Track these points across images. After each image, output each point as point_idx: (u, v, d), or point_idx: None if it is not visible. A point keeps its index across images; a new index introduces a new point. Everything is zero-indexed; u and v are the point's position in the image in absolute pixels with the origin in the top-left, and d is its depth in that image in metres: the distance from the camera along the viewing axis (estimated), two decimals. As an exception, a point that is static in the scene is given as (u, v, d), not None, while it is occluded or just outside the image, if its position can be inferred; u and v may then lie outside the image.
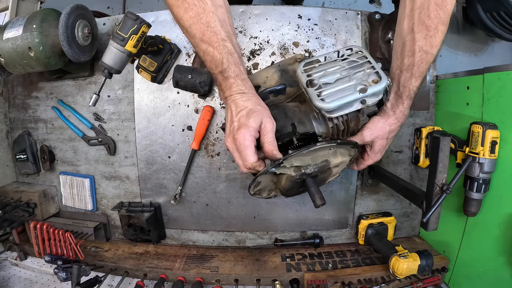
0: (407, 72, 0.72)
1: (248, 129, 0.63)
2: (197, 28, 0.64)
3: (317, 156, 0.68)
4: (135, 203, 1.10)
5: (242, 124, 0.64)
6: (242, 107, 0.65)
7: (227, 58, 0.65)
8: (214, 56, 0.65)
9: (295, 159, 0.66)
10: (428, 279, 0.95)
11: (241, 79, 0.66)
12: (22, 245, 1.10)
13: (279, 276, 0.97)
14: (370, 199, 1.13)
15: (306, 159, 0.67)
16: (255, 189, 0.75)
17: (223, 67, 0.65)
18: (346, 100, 0.66)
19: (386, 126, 0.76)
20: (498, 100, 0.82)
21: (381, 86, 0.67)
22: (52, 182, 1.18)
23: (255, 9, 1.00)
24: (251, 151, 0.64)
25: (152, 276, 1.00)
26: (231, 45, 0.65)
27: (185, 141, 1.06)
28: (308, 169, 0.67)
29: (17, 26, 0.89)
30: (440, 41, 0.70)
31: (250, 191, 0.75)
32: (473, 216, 0.87)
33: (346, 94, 0.67)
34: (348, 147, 0.72)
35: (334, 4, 2.11)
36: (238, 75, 0.66)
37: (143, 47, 0.84)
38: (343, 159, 0.72)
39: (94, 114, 1.10)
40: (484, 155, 0.81)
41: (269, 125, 0.65)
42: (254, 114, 0.64)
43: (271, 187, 0.77)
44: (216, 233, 1.14)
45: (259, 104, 0.67)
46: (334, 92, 0.67)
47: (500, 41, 2.01)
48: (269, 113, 0.67)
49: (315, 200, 0.64)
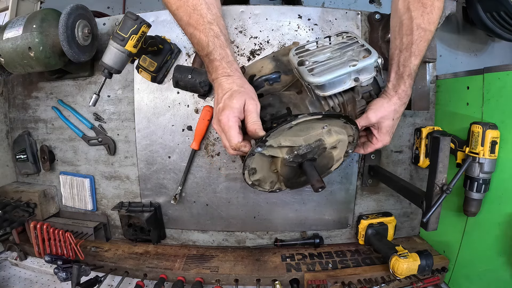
0: (407, 51, 0.72)
1: (231, 110, 0.63)
2: (183, 11, 0.66)
3: (310, 137, 0.67)
4: (135, 203, 1.10)
5: (226, 105, 0.63)
6: (226, 89, 0.65)
7: (213, 41, 0.65)
8: (200, 39, 0.66)
9: (284, 138, 0.65)
10: (428, 279, 0.95)
11: (226, 62, 0.66)
12: (22, 245, 1.10)
13: (279, 276, 0.97)
14: (370, 199, 1.13)
15: (298, 140, 0.66)
16: (252, 178, 0.73)
17: (209, 50, 0.66)
18: (337, 74, 0.65)
19: (390, 105, 0.75)
20: (498, 100, 0.82)
21: (372, 59, 0.66)
22: (52, 182, 1.18)
23: (255, 9, 1.00)
24: (235, 131, 0.63)
25: (152, 276, 1.00)
26: (217, 28, 0.66)
27: (185, 141, 1.06)
28: (301, 149, 0.66)
29: (17, 26, 0.89)
30: (438, 17, 0.69)
31: (247, 180, 0.72)
32: (473, 216, 0.87)
33: (337, 68, 0.66)
34: (341, 123, 0.69)
35: (334, 4, 2.11)
36: (223, 58, 0.66)
37: (143, 47, 0.84)
38: (338, 137, 0.70)
39: (94, 114, 1.10)
40: (484, 155, 0.81)
41: (252, 106, 0.64)
42: (238, 96, 0.64)
43: (273, 178, 0.75)
44: (216, 233, 1.14)
45: (243, 86, 0.66)
46: (325, 68, 0.67)
47: (500, 41, 2.02)
48: (253, 94, 0.66)
49: (313, 182, 0.62)
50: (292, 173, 0.71)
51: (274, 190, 0.79)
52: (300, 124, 0.64)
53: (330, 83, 0.67)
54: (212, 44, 0.65)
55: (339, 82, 0.67)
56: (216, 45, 0.66)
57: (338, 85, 0.68)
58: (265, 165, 0.71)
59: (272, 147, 0.65)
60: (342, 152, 0.76)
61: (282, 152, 0.67)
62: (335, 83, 0.67)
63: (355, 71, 0.67)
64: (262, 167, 0.71)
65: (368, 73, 0.69)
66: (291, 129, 0.64)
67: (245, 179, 0.72)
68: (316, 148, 0.68)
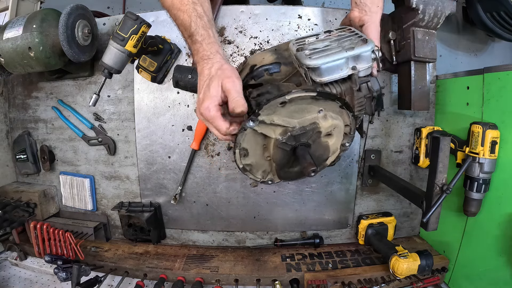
0: None
1: (210, 99, 0.61)
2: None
3: (305, 120, 0.66)
4: (135, 203, 1.10)
5: (205, 96, 0.62)
6: (205, 77, 0.64)
7: (196, 21, 0.64)
8: (183, 19, 0.65)
9: (278, 117, 0.64)
10: (428, 279, 0.95)
11: (207, 43, 0.64)
12: (22, 245, 1.10)
13: (279, 276, 0.97)
14: (370, 199, 1.13)
15: (292, 121, 0.65)
16: (243, 161, 0.70)
17: (191, 30, 0.65)
18: (333, 57, 0.65)
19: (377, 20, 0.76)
20: (498, 100, 0.82)
21: (368, 46, 0.66)
22: (52, 182, 1.18)
23: (255, 9, 1.00)
24: (220, 120, 0.62)
25: (152, 276, 1.00)
26: (201, 9, 0.65)
27: (185, 141, 1.06)
28: (295, 131, 0.65)
29: (17, 26, 0.89)
30: None
31: (237, 162, 0.70)
32: (473, 216, 0.87)
33: (334, 53, 0.66)
34: (337, 107, 0.68)
35: (334, 4, 2.11)
36: (204, 39, 0.64)
37: (143, 47, 0.84)
38: (333, 122, 0.69)
39: (94, 114, 1.10)
40: (484, 155, 0.81)
41: (229, 84, 0.61)
42: (214, 81, 0.62)
43: (266, 167, 0.74)
44: (216, 233, 1.14)
45: (221, 67, 0.63)
46: (322, 53, 0.66)
47: (500, 41, 2.02)
48: (231, 72, 0.63)
49: (305, 165, 0.61)
50: (285, 159, 0.69)
51: (266, 181, 0.77)
52: (294, 103, 0.63)
53: (327, 69, 0.66)
54: (195, 25, 0.64)
55: (336, 69, 0.67)
56: (199, 25, 0.64)
57: (335, 71, 0.67)
58: (258, 148, 0.69)
59: (265, 124, 0.64)
60: (338, 142, 0.74)
61: (275, 133, 0.66)
62: (332, 69, 0.67)
63: (352, 59, 0.67)
64: (255, 150, 0.69)
65: (365, 62, 0.68)
66: (285, 107, 0.63)
67: (235, 160, 0.69)
68: (311, 132, 0.67)
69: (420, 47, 0.89)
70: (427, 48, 0.90)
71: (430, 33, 0.90)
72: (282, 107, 0.63)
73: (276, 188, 1.08)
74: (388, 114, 1.07)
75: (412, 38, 0.89)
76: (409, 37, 0.89)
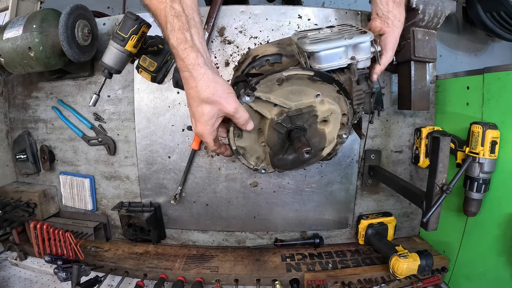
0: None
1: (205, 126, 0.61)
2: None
3: (302, 103, 0.66)
4: (135, 203, 1.10)
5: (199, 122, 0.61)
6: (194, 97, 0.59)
7: (172, 22, 0.56)
8: (160, 20, 0.58)
9: (274, 96, 0.64)
10: (428, 279, 0.95)
11: (182, 49, 0.56)
12: (22, 245, 1.10)
13: (279, 276, 0.97)
14: (370, 199, 1.13)
15: (288, 103, 0.65)
16: (237, 142, 0.70)
17: (166, 33, 0.57)
18: (332, 44, 0.66)
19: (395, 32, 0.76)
20: (498, 100, 0.82)
21: (367, 37, 0.67)
22: (52, 182, 1.18)
23: (255, 9, 1.00)
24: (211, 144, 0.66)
25: (152, 276, 1.00)
26: (179, 7, 0.56)
27: (185, 141, 1.06)
28: (291, 112, 0.65)
29: (17, 26, 0.89)
30: None
31: (231, 142, 0.69)
32: (473, 216, 0.87)
33: (333, 40, 0.67)
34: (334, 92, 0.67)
35: (334, 4, 2.11)
36: (180, 44, 0.56)
37: (143, 47, 0.84)
38: (330, 107, 0.69)
39: (94, 114, 1.10)
40: (484, 155, 0.81)
41: (230, 107, 0.59)
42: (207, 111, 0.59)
43: (260, 153, 0.73)
44: (216, 233, 1.14)
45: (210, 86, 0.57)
46: (323, 41, 0.68)
47: (500, 41, 2.02)
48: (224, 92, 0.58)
49: (299, 145, 0.61)
50: (279, 144, 0.69)
51: (259, 169, 0.76)
52: (291, 83, 0.64)
53: (326, 56, 0.67)
54: (171, 26, 0.56)
55: (335, 57, 0.68)
56: (175, 27, 0.55)
57: (333, 59, 0.68)
58: (253, 131, 0.69)
59: (261, 101, 0.65)
60: (335, 131, 0.74)
61: (271, 113, 0.66)
62: (331, 56, 0.68)
63: (352, 49, 0.68)
64: (250, 132, 0.69)
65: (364, 53, 0.69)
66: (282, 86, 0.64)
67: (229, 140, 0.69)
68: (307, 115, 0.66)
69: (420, 47, 0.89)
70: (427, 48, 0.90)
71: (430, 33, 0.90)
72: (279, 86, 0.63)
73: (276, 188, 1.08)
74: (388, 114, 1.07)
75: (412, 38, 0.89)
76: (409, 37, 0.89)
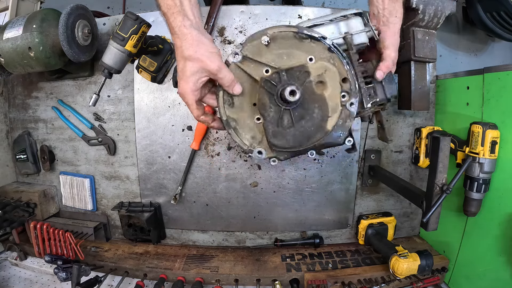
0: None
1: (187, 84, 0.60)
2: None
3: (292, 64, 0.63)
4: (135, 203, 1.10)
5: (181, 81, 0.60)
6: (179, 58, 0.60)
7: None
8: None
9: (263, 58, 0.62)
10: (428, 279, 0.95)
11: (171, 13, 0.59)
12: (22, 245, 1.10)
13: (279, 276, 0.97)
14: (370, 199, 1.13)
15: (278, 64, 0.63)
16: (228, 112, 0.65)
17: (158, 1, 0.60)
18: (324, 19, 0.66)
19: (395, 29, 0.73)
20: (498, 100, 0.82)
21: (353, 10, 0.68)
22: (52, 182, 1.18)
23: (255, 9, 1.00)
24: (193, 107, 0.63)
25: (152, 276, 1.00)
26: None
27: (185, 141, 1.06)
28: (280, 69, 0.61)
29: (17, 26, 0.89)
30: None
31: (221, 111, 0.65)
32: (473, 216, 0.87)
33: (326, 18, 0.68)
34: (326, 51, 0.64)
35: (334, 4, 2.11)
36: (170, 9, 0.59)
37: (143, 47, 0.84)
38: (322, 63, 0.64)
39: (94, 114, 1.10)
40: (484, 155, 0.81)
41: (212, 65, 0.58)
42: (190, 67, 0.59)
43: (255, 132, 0.66)
44: (216, 233, 1.14)
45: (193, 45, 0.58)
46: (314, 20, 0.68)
47: (500, 41, 2.02)
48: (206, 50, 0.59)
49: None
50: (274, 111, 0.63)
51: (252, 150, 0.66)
52: (279, 44, 0.62)
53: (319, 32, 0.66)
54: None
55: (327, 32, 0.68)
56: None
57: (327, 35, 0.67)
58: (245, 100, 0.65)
59: (250, 61, 0.63)
60: (336, 94, 0.65)
61: (261, 70, 0.63)
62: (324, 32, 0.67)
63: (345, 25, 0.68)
64: (242, 101, 0.65)
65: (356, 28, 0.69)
66: (270, 48, 0.62)
67: (219, 108, 0.65)
68: (298, 72, 0.63)
69: (420, 47, 0.89)
70: (427, 48, 0.91)
71: (430, 33, 0.90)
72: (267, 48, 0.62)
73: (276, 188, 1.08)
74: (388, 114, 1.07)
75: (412, 38, 0.89)
76: (409, 37, 0.90)
